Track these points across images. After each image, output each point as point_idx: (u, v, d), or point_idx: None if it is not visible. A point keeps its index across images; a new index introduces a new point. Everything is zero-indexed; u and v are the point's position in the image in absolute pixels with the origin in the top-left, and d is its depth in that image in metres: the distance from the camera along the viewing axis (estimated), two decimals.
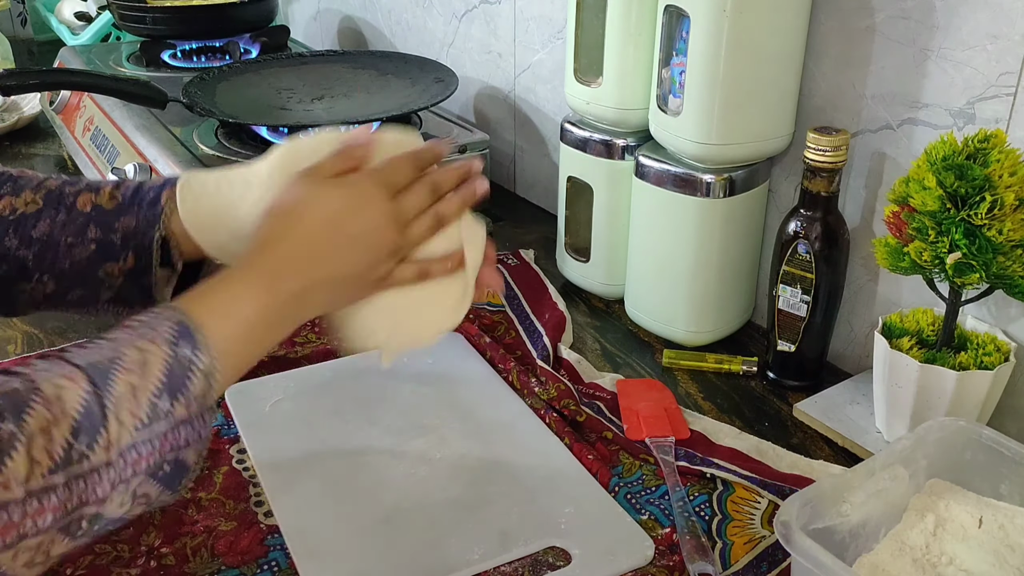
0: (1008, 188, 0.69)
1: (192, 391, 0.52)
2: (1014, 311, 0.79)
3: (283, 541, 0.70)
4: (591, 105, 1.00)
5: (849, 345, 0.94)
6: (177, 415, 0.51)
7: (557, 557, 0.69)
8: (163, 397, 0.50)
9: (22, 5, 2.24)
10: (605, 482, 0.77)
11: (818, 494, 0.63)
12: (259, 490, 0.76)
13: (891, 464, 0.66)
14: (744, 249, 0.96)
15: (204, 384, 0.52)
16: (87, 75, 1.24)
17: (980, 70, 0.77)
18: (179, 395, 0.51)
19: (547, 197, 1.34)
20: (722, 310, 0.97)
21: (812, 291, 0.86)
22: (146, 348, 0.50)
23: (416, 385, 0.89)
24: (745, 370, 0.93)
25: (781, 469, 0.78)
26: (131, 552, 0.69)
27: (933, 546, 0.64)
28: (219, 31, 1.59)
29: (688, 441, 0.82)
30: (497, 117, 1.41)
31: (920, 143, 0.82)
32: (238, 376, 0.57)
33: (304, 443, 0.81)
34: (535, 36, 1.27)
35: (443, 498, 0.74)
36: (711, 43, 0.84)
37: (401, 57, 1.37)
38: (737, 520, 0.73)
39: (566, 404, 0.85)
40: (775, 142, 0.91)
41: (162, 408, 0.50)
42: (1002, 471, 0.67)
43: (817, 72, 0.90)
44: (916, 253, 0.73)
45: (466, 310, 0.69)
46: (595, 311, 1.06)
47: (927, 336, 0.79)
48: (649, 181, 0.94)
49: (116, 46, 1.68)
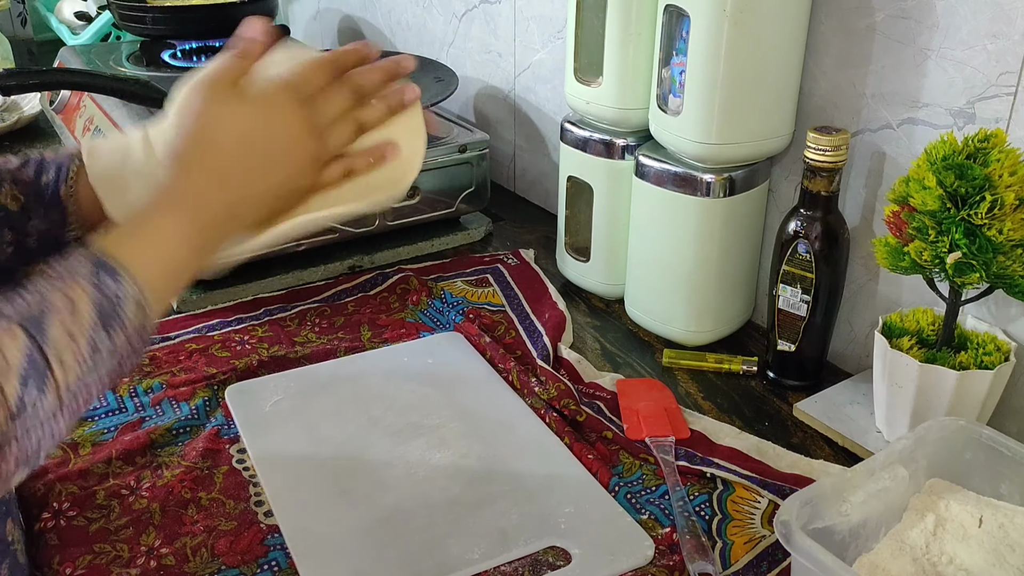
0: (1008, 188, 0.69)
1: (127, 321, 0.52)
2: (1014, 311, 0.79)
3: (283, 541, 0.70)
4: (591, 105, 1.00)
5: (849, 345, 0.94)
6: (119, 346, 0.52)
7: (557, 557, 0.69)
8: (99, 332, 0.51)
9: (22, 5, 2.24)
10: (605, 482, 0.77)
11: (818, 494, 0.63)
12: (259, 490, 0.76)
13: (891, 464, 0.66)
14: (744, 249, 0.96)
15: (138, 312, 0.53)
16: (87, 75, 1.24)
17: (980, 69, 0.77)
18: (115, 327, 0.52)
19: (547, 197, 1.34)
20: (722, 310, 0.97)
21: (812, 291, 0.86)
22: (70, 291, 0.51)
23: (416, 385, 0.89)
24: (745, 370, 0.93)
25: (781, 469, 0.78)
26: (131, 552, 0.69)
27: (933, 546, 0.64)
28: (219, 31, 1.58)
29: (688, 441, 0.82)
30: (497, 117, 1.41)
31: (920, 142, 0.82)
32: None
33: (304, 443, 0.81)
34: (535, 36, 1.27)
35: (443, 498, 0.74)
36: (711, 43, 0.84)
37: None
38: (737, 520, 0.73)
39: (566, 404, 0.85)
40: (775, 142, 0.91)
41: (101, 343, 0.51)
42: (1002, 471, 0.67)
43: (817, 71, 0.90)
44: (916, 253, 0.73)
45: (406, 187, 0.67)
46: (595, 311, 1.06)
47: (927, 336, 0.79)
48: (649, 181, 0.94)
49: (116, 46, 1.68)
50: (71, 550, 0.69)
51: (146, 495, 0.75)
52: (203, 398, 0.87)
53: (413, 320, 1.02)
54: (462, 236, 1.21)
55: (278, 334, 0.98)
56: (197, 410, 0.85)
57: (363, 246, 1.15)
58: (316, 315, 1.02)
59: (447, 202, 1.19)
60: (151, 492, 0.75)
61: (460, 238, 1.21)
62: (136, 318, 0.53)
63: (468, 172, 1.19)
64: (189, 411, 0.85)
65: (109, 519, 0.72)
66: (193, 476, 0.77)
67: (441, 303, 1.05)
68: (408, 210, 1.16)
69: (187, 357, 0.93)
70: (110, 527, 0.71)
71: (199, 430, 0.83)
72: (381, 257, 1.15)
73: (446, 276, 1.11)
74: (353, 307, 1.04)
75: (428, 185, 1.16)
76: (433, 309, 1.04)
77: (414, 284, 1.07)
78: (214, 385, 0.88)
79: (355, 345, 0.96)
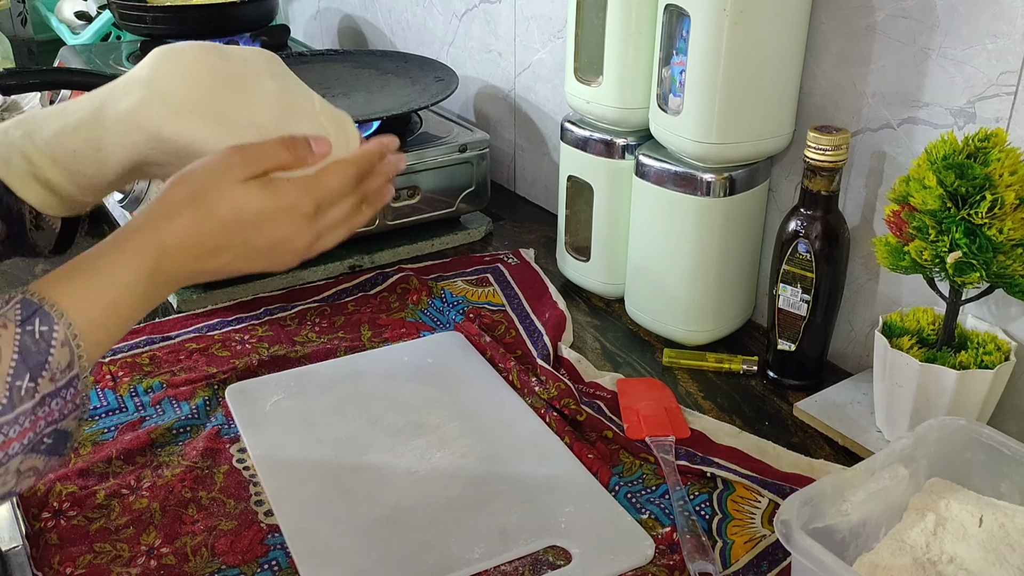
0: (1008, 187, 0.69)
1: (53, 364, 0.51)
2: (1014, 310, 0.79)
3: (283, 540, 0.70)
4: (591, 104, 1.00)
5: (849, 344, 0.94)
6: (42, 390, 0.50)
7: (557, 556, 0.69)
8: (21, 376, 0.50)
9: (22, 4, 2.24)
10: (605, 481, 0.77)
11: (818, 493, 0.62)
12: (259, 489, 0.76)
13: (891, 463, 0.66)
14: (744, 248, 0.96)
15: (66, 354, 0.52)
16: (87, 74, 1.24)
17: (980, 69, 0.77)
18: (40, 371, 0.50)
19: (547, 196, 1.34)
20: (722, 309, 0.97)
21: (812, 290, 0.86)
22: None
23: (416, 385, 0.89)
24: (745, 369, 0.93)
25: (781, 468, 0.78)
26: (131, 552, 0.69)
27: (933, 545, 0.64)
28: (219, 30, 1.58)
29: (688, 440, 0.82)
30: (497, 116, 1.41)
31: (920, 142, 0.82)
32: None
33: (304, 442, 0.81)
34: (535, 35, 1.27)
35: (443, 497, 0.74)
36: (711, 42, 0.84)
37: (401, 56, 1.37)
38: (737, 519, 0.73)
39: (566, 403, 0.85)
40: (775, 141, 0.91)
41: (22, 387, 0.49)
42: (1002, 470, 0.67)
43: (817, 71, 0.90)
44: (916, 252, 0.73)
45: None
46: (595, 310, 1.06)
47: (927, 335, 0.79)
48: (649, 180, 0.94)
49: (116, 45, 1.68)
50: (71, 550, 0.69)
51: (146, 495, 0.75)
52: (203, 398, 0.87)
53: (413, 320, 1.02)
54: (462, 236, 1.21)
55: (278, 334, 0.98)
56: (197, 410, 0.85)
57: (363, 245, 1.15)
58: (316, 314, 1.02)
59: (447, 202, 1.19)
60: (151, 492, 0.75)
61: (460, 238, 1.21)
62: (64, 361, 0.51)
63: (468, 172, 1.19)
64: (189, 411, 0.85)
65: (109, 519, 0.72)
66: (193, 476, 0.77)
67: (441, 303, 1.05)
68: (408, 210, 1.16)
69: (187, 356, 0.93)
70: (110, 527, 0.71)
71: (199, 430, 0.83)
72: (381, 257, 1.15)
73: (446, 276, 1.11)
74: (353, 307, 1.04)
75: (428, 185, 1.16)
76: (433, 309, 1.04)
77: (414, 284, 1.07)
78: (214, 384, 0.88)
79: (355, 345, 0.96)
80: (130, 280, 0.55)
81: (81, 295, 0.53)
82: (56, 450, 0.52)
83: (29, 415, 0.50)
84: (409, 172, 1.14)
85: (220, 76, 0.64)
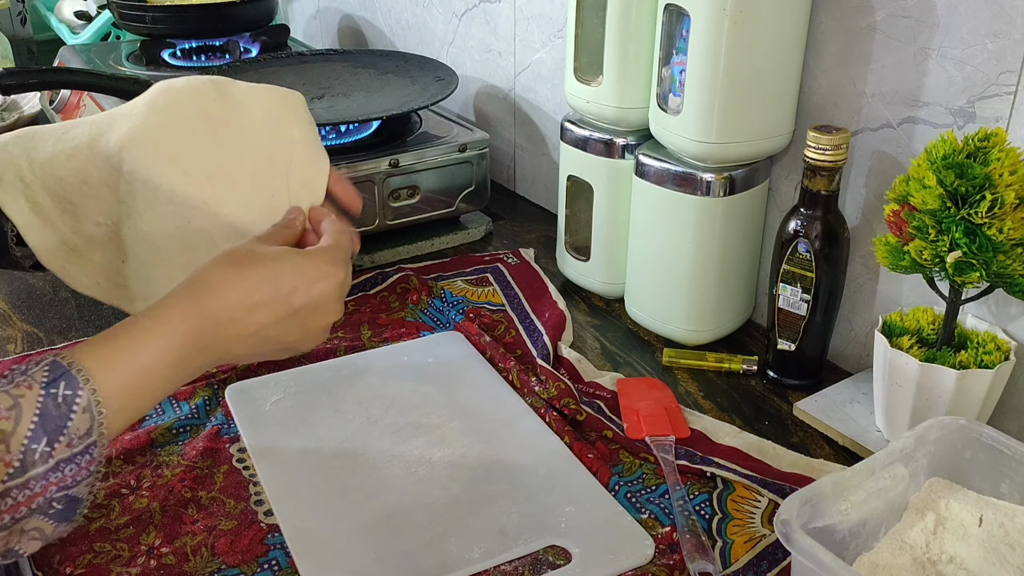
0: (1008, 187, 0.69)
1: (72, 430, 0.50)
2: (1014, 310, 0.79)
3: (283, 540, 0.70)
4: (591, 104, 1.00)
5: (849, 344, 0.94)
6: (57, 455, 0.50)
7: (557, 556, 0.69)
8: (37, 440, 0.49)
9: (22, 4, 2.24)
10: (605, 481, 0.77)
11: (818, 493, 0.62)
12: (259, 489, 0.76)
13: (891, 463, 0.66)
14: (744, 248, 0.96)
15: (86, 420, 0.51)
16: (87, 74, 1.24)
17: (980, 69, 0.77)
18: (57, 436, 0.50)
19: (547, 196, 1.34)
20: (722, 309, 0.97)
21: (812, 290, 0.86)
22: (19, 393, 0.49)
23: (416, 385, 0.89)
24: (745, 369, 0.93)
25: (781, 468, 0.78)
26: (131, 552, 0.69)
27: (933, 545, 0.64)
28: (219, 30, 1.58)
29: (688, 440, 0.82)
30: (497, 116, 1.41)
31: (920, 142, 0.82)
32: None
33: (304, 442, 0.81)
34: (535, 35, 1.27)
35: (443, 497, 0.74)
36: (711, 42, 0.84)
37: (401, 56, 1.37)
38: (737, 519, 0.73)
39: (566, 403, 0.85)
40: (775, 141, 0.91)
41: (37, 451, 0.49)
42: (1002, 470, 0.67)
43: (817, 70, 0.90)
44: (916, 252, 0.73)
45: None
46: (595, 310, 1.06)
47: (927, 335, 0.79)
48: (649, 180, 0.94)
49: (116, 45, 1.68)
50: (71, 549, 0.69)
51: (146, 494, 0.75)
52: (203, 397, 0.87)
53: (413, 319, 1.02)
54: (462, 235, 1.21)
55: None
56: (197, 409, 0.85)
57: (363, 245, 1.13)
58: None
59: (447, 201, 1.19)
60: (151, 491, 0.75)
61: (460, 237, 1.21)
62: (83, 427, 0.51)
63: (468, 171, 1.19)
64: (189, 410, 0.85)
65: (109, 518, 0.72)
66: (193, 475, 0.77)
67: (441, 302, 1.05)
68: (408, 209, 1.16)
69: None
70: (110, 526, 0.71)
71: (199, 429, 0.83)
72: (381, 256, 1.15)
73: (446, 275, 1.11)
74: (353, 306, 1.04)
75: (428, 184, 1.16)
76: (433, 308, 1.04)
77: (414, 283, 1.07)
78: (214, 384, 0.88)
79: (355, 344, 0.96)
80: (163, 345, 0.55)
81: (109, 359, 0.53)
82: (66, 516, 0.52)
83: (41, 479, 0.49)
84: (409, 172, 1.14)
85: (208, 120, 0.64)
